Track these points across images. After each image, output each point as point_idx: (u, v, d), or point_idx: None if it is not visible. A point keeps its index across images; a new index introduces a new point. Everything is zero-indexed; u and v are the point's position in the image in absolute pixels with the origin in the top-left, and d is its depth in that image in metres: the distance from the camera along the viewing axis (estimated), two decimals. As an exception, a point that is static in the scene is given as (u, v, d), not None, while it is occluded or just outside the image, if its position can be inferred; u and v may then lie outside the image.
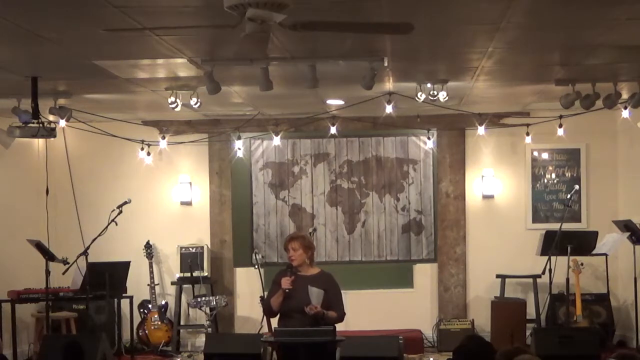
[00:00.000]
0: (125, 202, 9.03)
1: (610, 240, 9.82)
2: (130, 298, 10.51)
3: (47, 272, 8.80)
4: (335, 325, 7.35)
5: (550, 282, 9.40)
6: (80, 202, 10.62)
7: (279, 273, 7.57)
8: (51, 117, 9.00)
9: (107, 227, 8.81)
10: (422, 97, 8.46)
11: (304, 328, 7.10)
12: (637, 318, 9.76)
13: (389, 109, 9.09)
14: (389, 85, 8.63)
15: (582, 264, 9.88)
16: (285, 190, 11.47)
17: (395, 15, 5.69)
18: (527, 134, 10.60)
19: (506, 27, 6.21)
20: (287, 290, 7.27)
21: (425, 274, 11.40)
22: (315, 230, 11.13)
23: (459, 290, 11.22)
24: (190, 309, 11.02)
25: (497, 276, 10.72)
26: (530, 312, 10.52)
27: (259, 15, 4.61)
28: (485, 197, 11.23)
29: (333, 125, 10.53)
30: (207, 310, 9.98)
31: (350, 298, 10.97)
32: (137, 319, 10.83)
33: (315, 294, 7.26)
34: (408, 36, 5.40)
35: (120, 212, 8.89)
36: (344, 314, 7.53)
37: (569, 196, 9.96)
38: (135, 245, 10.87)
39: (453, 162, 11.27)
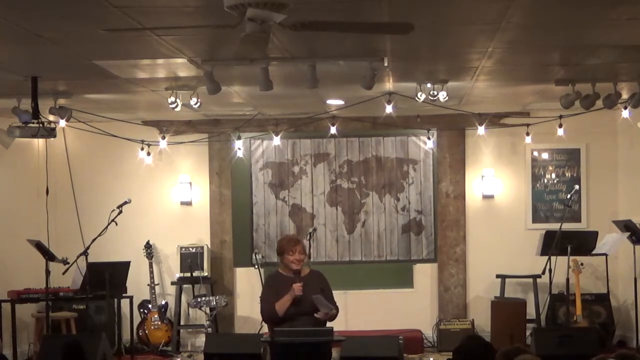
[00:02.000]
0: (125, 202, 9.03)
1: (610, 240, 9.82)
2: (130, 298, 10.50)
3: (47, 272, 8.79)
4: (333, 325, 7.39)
5: (550, 282, 9.40)
6: (80, 202, 10.62)
7: (272, 277, 7.49)
8: (51, 117, 9.00)
9: (107, 227, 8.81)
10: (422, 97, 8.47)
11: (307, 328, 7.10)
12: (637, 318, 9.75)
13: (389, 109, 9.09)
14: (389, 85, 8.63)
15: (582, 264, 9.88)
16: (285, 190, 11.47)
17: (395, 15, 5.69)
18: (527, 134, 10.60)
19: (506, 27, 6.21)
20: (297, 296, 7.21)
21: (425, 274, 11.40)
22: (315, 230, 11.14)
23: (459, 290, 11.22)
24: (190, 309, 11.02)
25: (497, 276, 10.72)
26: (530, 312, 10.52)
27: (259, 15, 4.61)
28: (485, 197, 11.23)
29: (333, 125, 10.52)
30: (207, 310, 9.99)
31: (350, 298, 11.02)
32: (137, 319, 10.83)
33: (321, 300, 7.24)
34: (408, 36, 5.40)
35: (120, 212, 8.88)
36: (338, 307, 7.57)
37: (569, 196, 9.96)
38: (135, 245, 10.87)
39: (453, 162, 11.27)
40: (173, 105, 8.56)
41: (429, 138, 11.00)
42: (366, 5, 5.54)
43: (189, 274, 10.71)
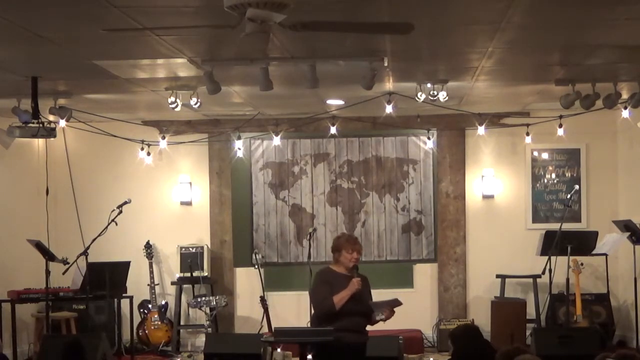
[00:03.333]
0: (125, 202, 9.03)
1: (610, 240, 9.82)
2: (130, 298, 10.50)
3: (47, 272, 8.79)
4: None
5: (550, 282, 9.39)
6: (80, 202, 10.62)
7: (325, 273, 7.31)
8: (51, 117, 9.00)
9: (107, 227, 8.81)
10: (422, 97, 8.47)
11: (310, 328, 7.08)
12: (637, 318, 9.75)
13: (389, 109, 9.09)
14: (389, 85, 8.63)
15: (582, 264, 9.88)
16: (285, 190, 11.47)
17: (395, 15, 5.69)
18: (527, 134, 10.60)
19: (506, 27, 6.21)
20: (356, 290, 7.17)
21: (425, 274, 11.40)
22: (315, 230, 11.14)
23: (459, 290, 11.22)
24: (190, 309, 11.02)
25: (497, 276, 10.72)
26: (530, 312, 10.52)
27: (259, 15, 4.61)
28: (485, 197, 11.23)
29: (333, 125, 10.53)
30: (207, 310, 9.99)
31: (350, 298, 10.97)
32: (137, 319, 10.83)
33: (378, 304, 7.24)
34: (408, 36, 5.40)
35: (120, 212, 8.88)
36: None
37: (569, 196, 9.96)
38: (135, 245, 10.87)
39: (453, 162, 11.27)
40: (173, 105, 8.56)
41: (429, 138, 11.00)
42: (366, 5, 5.54)
43: (189, 274, 10.71)
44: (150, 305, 10.83)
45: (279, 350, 9.21)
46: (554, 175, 11.19)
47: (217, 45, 6.69)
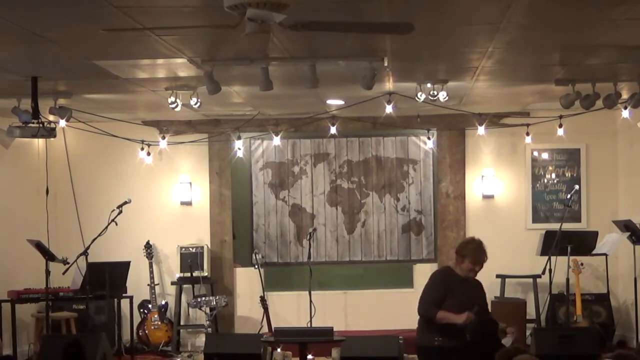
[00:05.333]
0: (125, 202, 9.03)
1: (610, 240, 9.82)
2: (130, 298, 10.50)
3: (47, 272, 8.79)
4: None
5: (550, 282, 9.38)
6: (80, 202, 10.62)
7: (443, 274, 7.39)
8: (51, 117, 9.00)
9: (107, 227, 8.80)
10: (422, 97, 8.47)
11: (307, 327, 7.10)
12: (637, 318, 9.75)
13: (389, 109, 9.09)
14: (389, 85, 8.64)
15: (582, 264, 9.88)
16: (285, 190, 11.47)
17: (395, 15, 5.69)
18: (527, 134, 10.60)
19: (506, 27, 6.21)
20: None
21: (425, 274, 11.25)
22: (315, 230, 11.14)
23: (459, 290, 11.21)
24: (190, 309, 11.02)
25: (497, 276, 10.71)
26: (530, 312, 10.52)
27: (259, 15, 4.61)
28: (485, 197, 11.23)
29: (333, 125, 10.53)
30: (207, 310, 9.98)
31: (350, 298, 11.03)
32: (137, 319, 10.83)
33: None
34: (408, 36, 5.41)
35: (120, 212, 8.88)
36: None
37: (569, 196, 9.95)
38: (135, 245, 10.87)
39: (453, 162, 11.27)
40: (173, 105, 8.56)
41: (429, 138, 11.00)
42: (366, 5, 5.54)
43: (189, 274, 10.70)
44: (150, 305, 10.83)
45: (279, 350, 9.21)
46: (554, 175, 11.19)
47: (217, 45, 6.69)
